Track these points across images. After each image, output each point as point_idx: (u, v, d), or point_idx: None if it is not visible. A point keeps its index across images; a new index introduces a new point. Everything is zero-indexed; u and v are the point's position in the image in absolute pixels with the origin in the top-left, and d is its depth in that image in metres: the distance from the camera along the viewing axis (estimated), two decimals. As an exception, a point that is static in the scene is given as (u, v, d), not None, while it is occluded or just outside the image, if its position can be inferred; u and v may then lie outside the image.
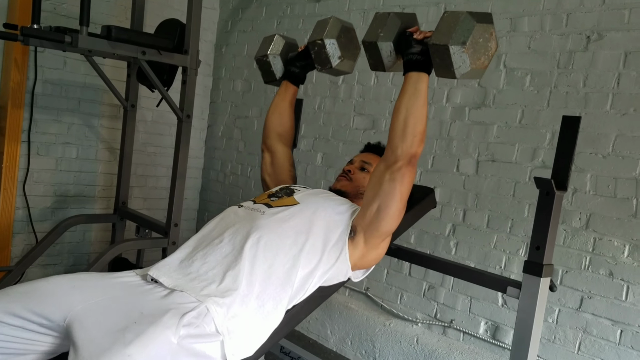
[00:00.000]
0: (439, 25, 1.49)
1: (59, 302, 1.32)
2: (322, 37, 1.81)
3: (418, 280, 2.80)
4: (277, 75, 2.04)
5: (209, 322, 1.30)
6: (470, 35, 1.42)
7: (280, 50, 2.01)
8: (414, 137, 1.52)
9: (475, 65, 1.47)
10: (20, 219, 3.24)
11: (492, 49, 1.48)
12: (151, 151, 3.81)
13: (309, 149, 3.33)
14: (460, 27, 1.43)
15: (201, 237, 1.60)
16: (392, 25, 1.58)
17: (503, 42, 2.52)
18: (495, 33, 1.48)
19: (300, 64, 2.01)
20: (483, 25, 1.44)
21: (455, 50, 1.43)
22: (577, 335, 2.25)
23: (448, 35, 1.44)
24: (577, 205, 2.27)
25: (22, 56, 3.09)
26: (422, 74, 1.55)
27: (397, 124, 1.55)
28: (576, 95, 2.29)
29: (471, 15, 1.44)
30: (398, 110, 1.55)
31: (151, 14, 3.54)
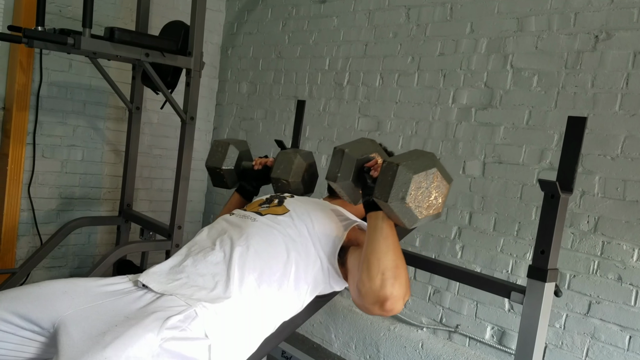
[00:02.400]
0: (379, 179, 1.40)
1: (48, 308, 1.30)
2: (288, 179, 1.85)
3: (423, 284, 2.76)
4: (229, 186, 2.02)
5: (196, 326, 1.27)
6: (408, 189, 1.33)
7: (235, 163, 1.98)
8: (382, 276, 1.36)
9: (425, 214, 1.38)
10: (25, 221, 3.24)
11: (443, 189, 1.39)
12: (157, 153, 3.81)
13: (314, 151, 3.30)
14: (398, 182, 1.34)
15: (193, 244, 1.58)
16: (348, 164, 1.51)
17: (510, 42, 2.48)
18: (441, 173, 1.37)
19: (256, 183, 2.01)
20: (422, 174, 1.35)
21: (396, 207, 1.35)
22: (585, 341, 2.20)
23: (387, 192, 1.35)
24: (585, 208, 2.22)
25: (28, 58, 3.09)
26: (380, 213, 1.45)
27: (362, 264, 1.43)
28: (584, 95, 2.24)
29: (407, 167, 1.34)
30: (363, 251, 1.46)
31: (157, 16, 3.55)
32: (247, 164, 1.97)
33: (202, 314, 1.31)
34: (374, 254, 1.40)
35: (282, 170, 1.87)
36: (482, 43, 2.58)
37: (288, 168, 1.86)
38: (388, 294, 1.35)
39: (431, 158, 1.38)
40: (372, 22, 3.05)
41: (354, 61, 3.12)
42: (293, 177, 1.85)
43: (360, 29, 3.11)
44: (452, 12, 2.70)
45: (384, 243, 1.41)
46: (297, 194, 1.87)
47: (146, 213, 3.66)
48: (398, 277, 1.37)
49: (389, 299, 1.35)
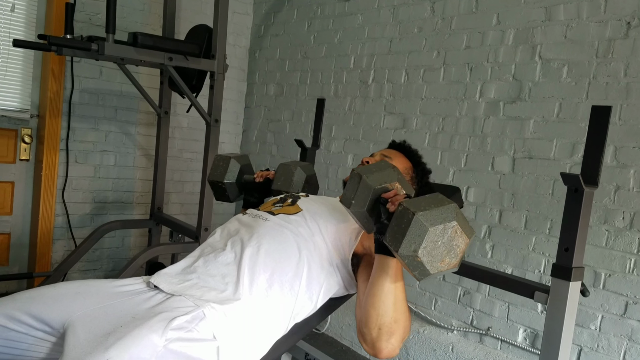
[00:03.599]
0: (392, 224, 1.25)
1: (60, 309, 1.31)
2: (289, 190, 1.83)
3: (453, 285, 2.68)
4: (232, 200, 2.01)
5: (204, 327, 1.25)
6: (422, 242, 1.18)
7: (236, 177, 1.96)
8: (379, 330, 1.32)
9: (438, 269, 1.23)
10: (60, 225, 3.32)
11: (461, 246, 1.23)
12: (187, 157, 3.85)
13: (340, 151, 3.26)
14: (411, 232, 1.19)
15: (205, 245, 1.57)
16: (364, 192, 1.36)
17: (538, 32, 2.38)
18: (461, 227, 1.21)
19: (258, 195, 1.98)
20: (440, 227, 1.19)
21: (406, 259, 1.21)
22: (622, 344, 2.08)
23: (399, 240, 1.21)
24: (620, 203, 2.11)
25: (59, 66, 3.17)
26: (389, 260, 1.35)
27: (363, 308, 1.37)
28: (617, 85, 2.13)
29: (424, 218, 1.19)
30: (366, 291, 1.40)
31: (185, 21, 3.59)
32: (248, 177, 1.97)
33: (211, 315, 1.29)
34: (373, 307, 1.34)
35: (282, 182, 1.86)
36: (509, 34, 2.49)
37: (288, 180, 1.85)
38: (382, 348, 1.33)
39: (453, 210, 1.24)
40: (396, 18, 3.00)
41: (379, 58, 3.07)
42: (293, 189, 1.84)
43: (385, 25, 3.05)
44: (478, 4, 2.62)
45: (385, 298, 1.34)
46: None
47: (178, 216, 3.70)
48: (394, 333, 1.33)
49: (382, 352, 1.34)
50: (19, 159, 3.23)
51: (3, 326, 1.28)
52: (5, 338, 1.29)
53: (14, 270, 3.29)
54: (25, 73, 3.19)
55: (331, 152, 3.32)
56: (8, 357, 1.29)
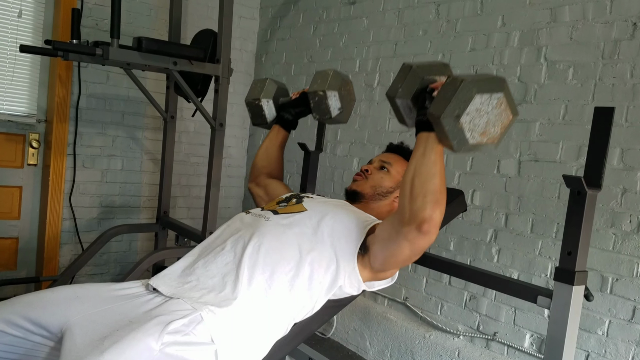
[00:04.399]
0: (440, 91, 1.27)
1: (58, 313, 1.31)
2: (325, 89, 1.81)
3: (459, 290, 2.65)
4: (268, 120, 2.03)
5: (201, 330, 1.24)
6: (467, 107, 1.20)
7: (273, 95, 1.98)
8: (424, 198, 1.30)
9: (477, 141, 1.24)
10: (68, 229, 3.34)
11: (504, 121, 1.24)
12: (194, 161, 3.86)
13: (345, 154, 3.25)
14: (457, 97, 1.20)
15: (206, 245, 1.56)
16: (411, 81, 1.39)
17: (543, 34, 2.36)
18: (508, 101, 1.23)
19: (295, 111, 2.00)
20: (486, 95, 1.21)
21: (448, 124, 1.22)
22: (630, 349, 2.04)
23: (443, 105, 1.22)
24: (627, 206, 2.08)
25: (66, 72, 3.20)
26: (431, 135, 1.33)
27: (405, 184, 1.36)
28: (623, 87, 2.10)
29: (473, 84, 1.21)
30: (407, 170, 1.38)
31: (191, 26, 3.61)
32: (285, 99, 1.99)
33: (208, 318, 1.28)
34: (418, 176, 1.32)
35: (319, 83, 1.84)
36: (514, 36, 2.47)
37: (324, 80, 1.81)
38: (427, 216, 1.28)
39: (501, 82, 1.24)
40: (401, 21, 2.99)
41: (384, 61, 3.06)
42: (329, 88, 1.80)
43: (390, 28, 3.04)
44: (483, 6, 2.60)
45: (432, 167, 1.32)
46: (334, 108, 1.84)
47: (185, 220, 3.71)
48: (439, 202, 1.30)
49: (427, 221, 1.29)
50: (27, 163, 3.26)
51: (1, 331, 1.29)
52: (3, 343, 1.29)
53: (21, 274, 3.32)
54: (33, 78, 3.22)
55: (337, 156, 3.31)
56: (4, 362, 1.29)
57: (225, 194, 3.98)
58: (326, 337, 3.22)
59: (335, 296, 1.54)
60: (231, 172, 4.05)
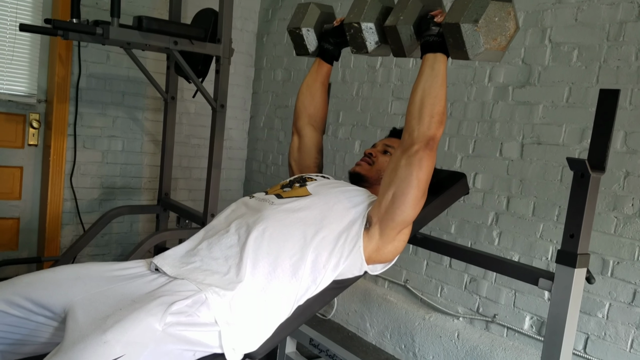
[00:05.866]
0: (454, 4, 1.41)
1: (61, 293, 1.31)
2: (359, 21, 1.63)
3: (459, 273, 2.66)
4: (310, 50, 1.90)
5: (205, 311, 1.25)
6: (484, 13, 1.34)
7: (315, 23, 1.85)
8: (431, 118, 1.42)
9: (490, 46, 1.38)
10: (69, 210, 3.34)
11: (511, 30, 1.40)
12: (195, 143, 3.85)
13: (347, 137, 3.24)
14: (474, 5, 1.36)
15: (210, 227, 1.55)
16: (412, 9, 1.50)
17: (548, 15, 2.33)
18: (515, 13, 1.39)
19: (335, 41, 1.86)
20: (499, 4, 1.36)
21: (466, 29, 1.36)
22: (630, 332, 2.05)
23: (460, 13, 1.37)
24: (629, 190, 2.07)
25: (66, 51, 3.17)
26: (439, 55, 1.46)
27: (413, 105, 1.45)
28: (628, 69, 2.08)
29: None
30: (415, 92, 1.46)
31: (192, 6, 3.56)
32: (328, 26, 1.86)
33: (212, 299, 1.28)
34: (428, 97, 1.43)
35: (355, 14, 1.65)
36: (519, 17, 2.44)
37: (361, 10, 1.63)
38: (432, 135, 1.42)
39: None
40: (404, 2, 2.95)
41: (387, 43, 3.03)
42: (365, 18, 1.62)
43: None
44: (487, -13, 2.57)
45: (439, 87, 1.43)
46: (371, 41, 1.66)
47: (185, 202, 3.71)
48: (443, 122, 1.44)
49: (433, 139, 1.43)
50: (28, 144, 3.25)
51: (3, 311, 1.28)
52: (5, 323, 1.28)
53: (23, 254, 3.32)
54: (33, 58, 3.19)
55: (338, 139, 3.30)
56: (9, 341, 1.29)
57: (226, 175, 3.98)
58: (327, 319, 3.23)
59: (338, 277, 1.54)
60: (232, 154, 4.04)
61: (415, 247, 2.83)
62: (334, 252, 1.48)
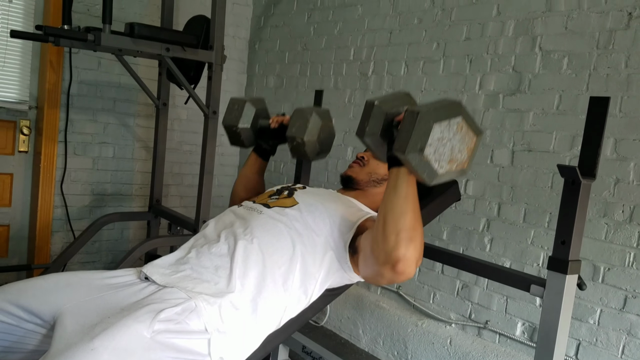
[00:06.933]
0: (400, 126, 1.26)
1: (50, 301, 1.30)
2: (303, 137, 1.72)
3: (451, 279, 2.66)
4: (246, 145, 1.94)
5: (194, 319, 1.24)
6: (428, 139, 1.18)
7: (251, 121, 1.89)
8: (397, 236, 1.26)
9: (446, 169, 1.23)
10: (59, 217, 3.32)
11: (470, 143, 1.24)
12: (187, 149, 3.84)
13: (339, 144, 3.25)
14: (417, 131, 1.19)
15: (199, 236, 1.55)
16: (376, 118, 1.37)
17: (538, 24, 2.36)
18: (468, 124, 1.22)
19: (272, 142, 1.93)
20: (444, 123, 1.19)
21: (414, 159, 1.21)
22: (621, 338, 2.06)
23: (405, 142, 1.21)
24: (619, 196, 2.09)
25: (57, 58, 3.16)
26: (402, 169, 1.31)
27: (377, 222, 1.33)
28: (617, 77, 2.10)
29: (429, 114, 1.19)
30: (380, 207, 1.35)
31: (184, 12, 3.57)
32: (264, 122, 1.89)
33: (202, 307, 1.28)
34: (391, 213, 1.29)
35: (297, 128, 1.74)
36: (509, 25, 2.46)
37: (303, 126, 1.73)
38: (401, 255, 1.25)
39: (457, 106, 1.23)
40: (396, 9, 2.97)
41: (379, 50, 3.05)
42: (308, 135, 1.73)
43: (385, 16, 3.03)
44: (478, -5, 2.59)
45: (403, 202, 1.29)
46: (312, 153, 1.76)
47: (177, 208, 3.69)
48: (413, 239, 1.27)
49: (402, 260, 1.25)
50: (18, 150, 3.23)
51: None
52: (-8, 330, 1.28)
53: (13, 261, 3.29)
54: (24, 64, 3.18)
55: (330, 145, 3.30)
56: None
57: (218, 182, 3.97)
58: (319, 325, 3.23)
59: (330, 286, 1.54)
60: (224, 161, 4.03)
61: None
62: (323, 263, 1.48)
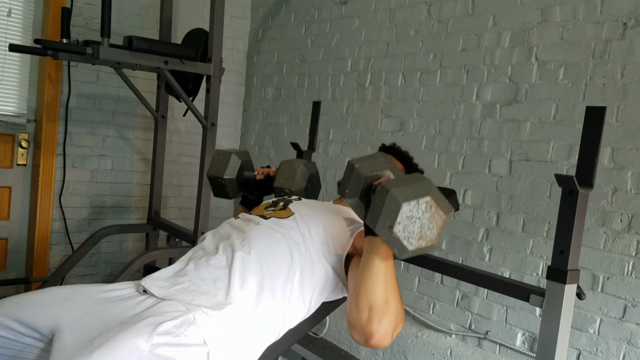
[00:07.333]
0: (372, 202, 1.27)
1: (49, 314, 1.30)
2: (291, 188, 1.78)
3: (451, 289, 2.66)
4: (231, 196, 1.97)
5: (193, 332, 1.24)
6: (397, 217, 1.20)
7: (236, 173, 1.92)
8: (369, 311, 1.25)
9: (417, 246, 1.23)
10: (57, 230, 3.31)
11: (439, 221, 1.24)
12: (185, 161, 3.84)
13: (338, 154, 3.25)
14: (386, 209, 1.21)
15: (197, 249, 1.55)
16: (356, 180, 1.38)
17: (534, 34, 2.37)
18: (438, 201, 1.23)
19: (258, 193, 1.96)
20: (413, 202, 1.21)
21: (384, 235, 1.22)
22: (621, 347, 2.06)
23: (375, 218, 1.23)
24: (617, 205, 2.09)
25: (56, 71, 3.17)
26: (377, 239, 1.29)
27: (350, 293, 1.34)
28: (614, 86, 2.12)
29: (398, 193, 1.21)
30: (357, 276, 1.35)
31: (182, 26, 3.59)
32: (249, 174, 1.93)
33: (201, 319, 1.27)
34: (363, 285, 1.29)
35: (285, 179, 1.82)
36: (505, 36, 2.48)
37: (291, 177, 1.80)
38: (374, 331, 1.24)
39: (427, 185, 1.25)
40: (393, 21, 2.99)
41: (376, 61, 3.06)
42: (296, 186, 1.80)
43: (382, 28, 3.05)
44: (474, 6, 2.61)
45: (375, 276, 1.29)
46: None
47: (176, 220, 3.69)
48: (386, 314, 1.25)
49: (374, 335, 1.25)
50: (16, 163, 3.23)
51: None
52: (-10, 344, 1.27)
53: (11, 275, 3.28)
54: (22, 78, 3.19)
55: (329, 156, 3.31)
56: (-4, 363, 1.28)
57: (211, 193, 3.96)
58: (319, 337, 3.21)
59: (328, 298, 1.54)
60: (223, 172, 4.03)
61: (406, 264, 2.83)
62: (321, 272, 1.48)
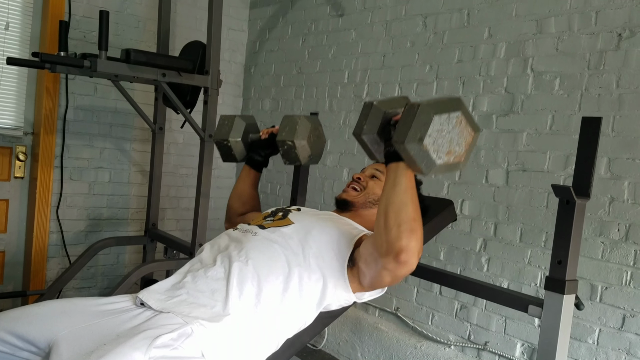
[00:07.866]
0: (399, 121, 1.33)
1: (45, 328, 1.29)
2: (293, 139, 1.78)
3: (449, 300, 2.65)
4: (238, 159, 2.00)
5: (191, 344, 1.24)
6: (428, 130, 1.25)
7: (242, 135, 1.95)
8: (398, 228, 1.30)
9: (444, 160, 1.29)
10: (55, 243, 3.30)
11: (467, 138, 1.30)
12: (183, 173, 3.84)
13: (335, 165, 3.26)
14: (417, 122, 1.26)
15: (195, 261, 1.55)
16: (375, 116, 1.45)
17: (529, 45, 2.39)
18: (467, 119, 1.29)
19: (264, 152, 1.98)
20: (444, 116, 1.26)
21: (413, 149, 1.27)
22: (620, 357, 2.05)
23: (404, 132, 1.28)
24: (615, 215, 2.10)
25: (54, 84, 3.17)
26: (401, 164, 1.36)
27: (379, 216, 1.37)
28: (609, 97, 2.13)
29: (430, 107, 1.27)
30: (380, 202, 1.40)
31: (180, 38, 3.60)
32: (254, 135, 1.95)
33: (198, 332, 1.27)
34: (391, 206, 1.33)
35: (287, 132, 1.80)
36: (500, 47, 2.50)
37: (292, 129, 1.78)
38: (404, 246, 1.28)
39: (457, 102, 1.30)
40: (389, 33, 3.01)
41: (373, 73, 3.08)
42: (298, 137, 1.77)
43: (378, 40, 3.06)
44: (469, 18, 2.63)
45: (403, 195, 1.33)
46: (304, 156, 1.82)
47: (174, 232, 3.68)
48: (414, 231, 1.30)
49: (404, 251, 1.28)
50: (14, 176, 3.22)
51: None
52: (-12, 358, 1.27)
53: (8, 288, 3.27)
54: (20, 91, 3.19)
55: (327, 166, 3.31)
56: (-9, 376, 1.27)
57: (214, 205, 3.96)
58: (317, 349, 3.20)
59: (326, 308, 1.54)
60: (220, 183, 4.03)
61: (404, 275, 2.82)
62: (319, 281, 1.48)
